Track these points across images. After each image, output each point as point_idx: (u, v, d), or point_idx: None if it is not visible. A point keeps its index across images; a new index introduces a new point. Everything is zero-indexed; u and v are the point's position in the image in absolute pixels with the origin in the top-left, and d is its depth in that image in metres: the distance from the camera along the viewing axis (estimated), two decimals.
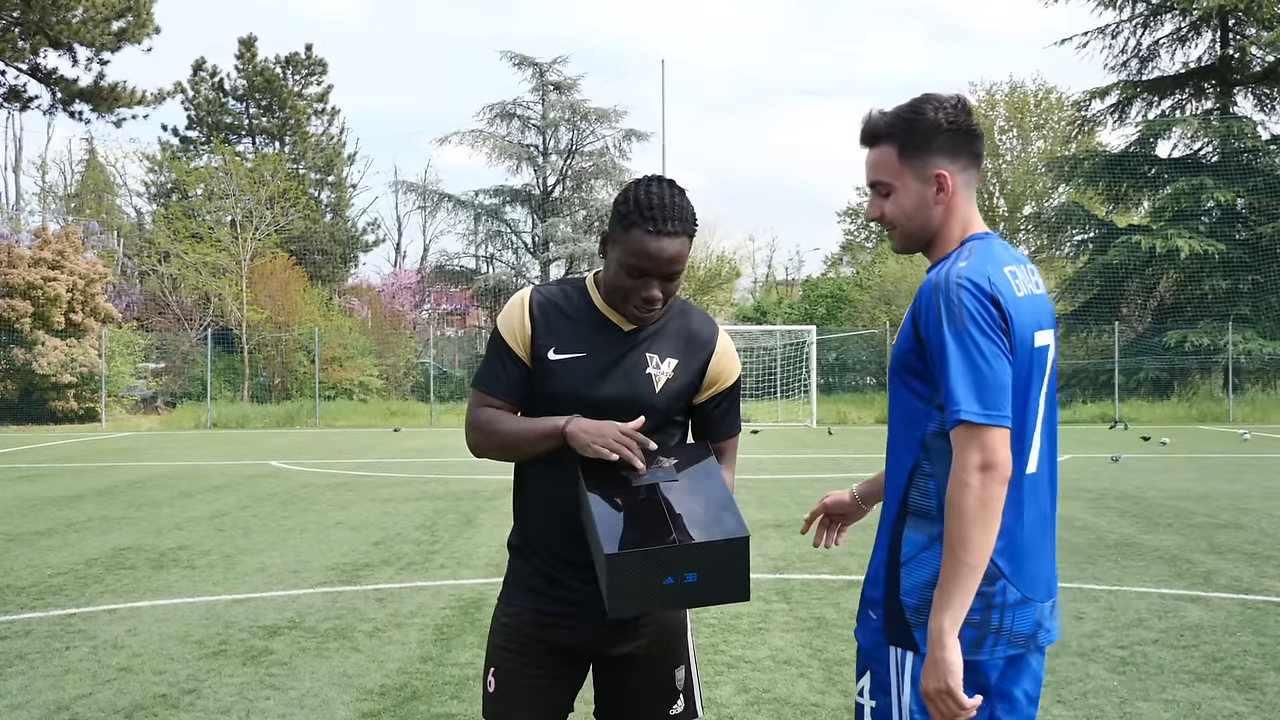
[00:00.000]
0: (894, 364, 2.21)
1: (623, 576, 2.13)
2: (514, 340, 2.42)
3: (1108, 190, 34.31)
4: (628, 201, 2.35)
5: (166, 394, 33.15)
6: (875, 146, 2.26)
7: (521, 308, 2.43)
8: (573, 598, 2.44)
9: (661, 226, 2.31)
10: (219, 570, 7.96)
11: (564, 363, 2.40)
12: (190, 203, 38.23)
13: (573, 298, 2.46)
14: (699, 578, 2.14)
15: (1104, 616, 6.25)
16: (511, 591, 2.51)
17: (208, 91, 44.65)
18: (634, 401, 2.39)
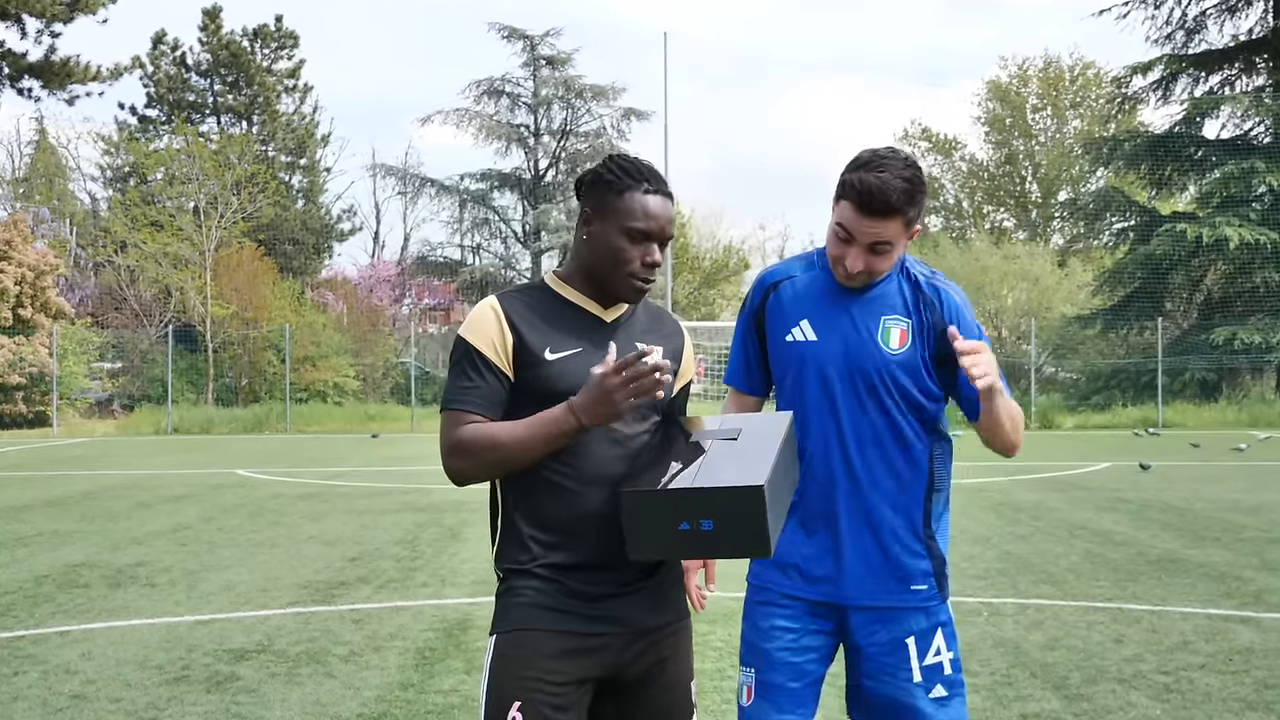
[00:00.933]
0: (901, 369, 2.72)
1: (634, 518, 2.29)
2: (493, 350, 2.42)
3: (1150, 174, 34.31)
4: (612, 170, 2.47)
5: (123, 396, 33.17)
6: (890, 218, 2.64)
7: (496, 315, 2.44)
8: (612, 613, 2.43)
9: (659, 185, 2.46)
10: (181, 589, 7.94)
11: (565, 360, 2.42)
12: (149, 188, 38.25)
13: (541, 298, 2.50)
14: (715, 525, 2.28)
15: (1146, 639, 6.24)
16: (525, 613, 2.41)
17: (168, 67, 44.66)
18: None
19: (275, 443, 24.98)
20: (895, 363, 2.73)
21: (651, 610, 2.49)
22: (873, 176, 2.63)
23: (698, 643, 6.32)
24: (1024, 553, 9.05)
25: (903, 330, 2.75)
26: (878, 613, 2.76)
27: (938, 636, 2.80)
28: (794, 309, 2.82)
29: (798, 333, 2.80)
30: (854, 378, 2.73)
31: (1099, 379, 32.01)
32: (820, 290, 2.82)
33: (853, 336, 2.75)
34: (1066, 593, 7.51)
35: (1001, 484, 14.08)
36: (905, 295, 2.78)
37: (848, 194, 2.67)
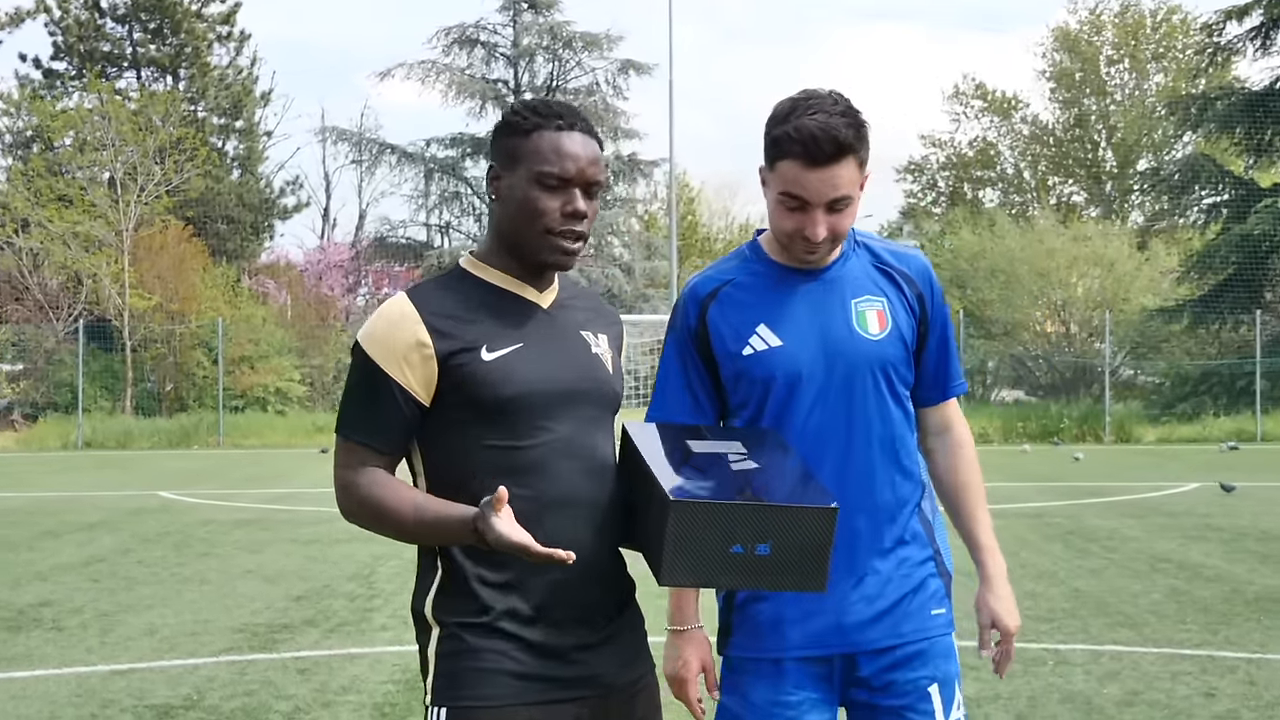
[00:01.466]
0: (887, 357, 2.75)
1: (683, 532, 2.26)
2: (402, 371, 2.37)
3: (1247, 139, 34.34)
4: (517, 112, 2.45)
5: (25, 404, 33.19)
6: (842, 161, 2.65)
7: (408, 317, 2.38)
8: (586, 672, 2.43)
9: (574, 120, 2.44)
10: (94, 633, 7.95)
11: (505, 360, 2.39)
12: (56, 155, 38.26)
13: (460, 288, 2.47)
14: (772, 550, 2.29)
15: (1242, 692, 6.25)
16: (488, 682, 2.37)
17: (79, 10, 44.68)
18: (596, 388, 2.50)
19: (206, 459, 24.98)
20: (880, 349, 2.75)
21: (624, 663, 2.50)
22: (808, 120, 2.63)
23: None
24: (1096, 590, 9.06)
25: (879, 310, 2.77)
26: (893, 653, 2.74)
27: (956, 689, 2.82)
28: (744, 316, 2.78)
29: (757, 342, 2.76)
30: (836, 377, 2.73)
31: (1186, 383, 32.02)
32: (769, 286, 2.80)
33: (824, 330, 2.75)
34: (1147, 638, 7.52)
35: (1069, 508, 14.08)
36: (870, 268, 2.81)
37: (787, 150, 2.66)
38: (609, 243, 40.16)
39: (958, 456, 2.89)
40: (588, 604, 2.43)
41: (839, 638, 2.72)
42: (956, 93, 54.54)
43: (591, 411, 2.47)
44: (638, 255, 39.92)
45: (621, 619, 2.52)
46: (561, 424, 2.42)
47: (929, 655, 2.76)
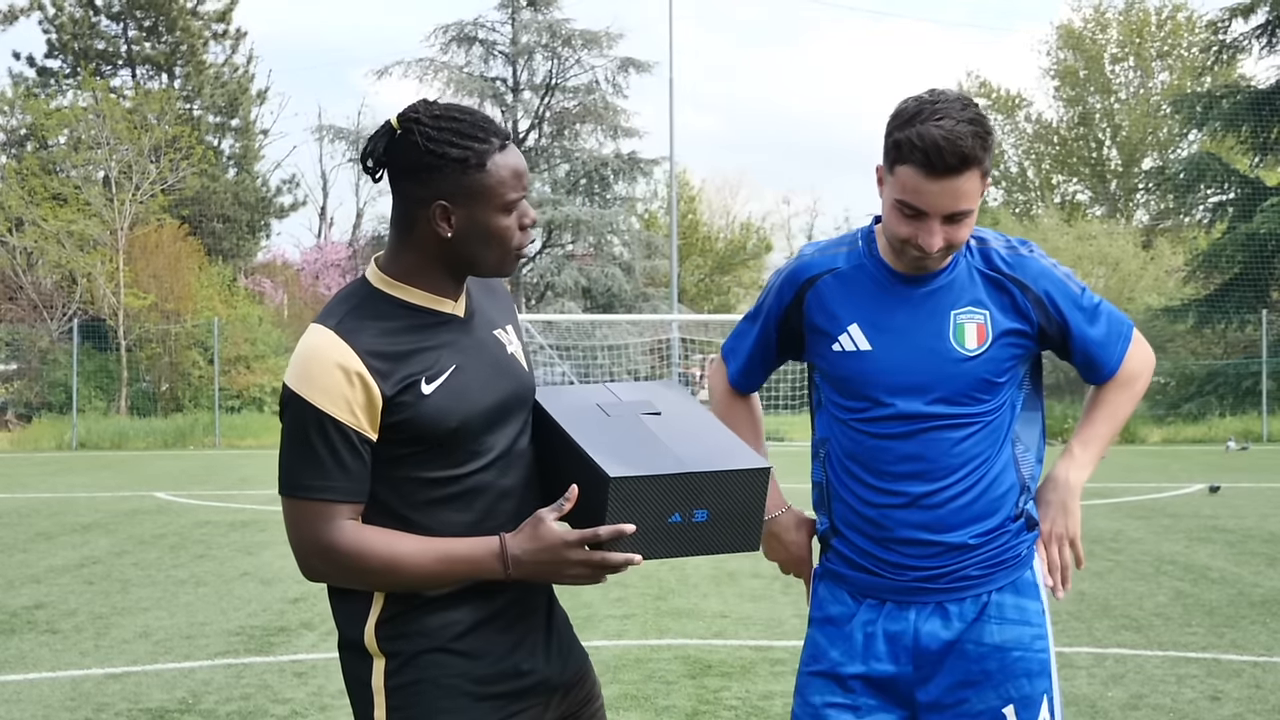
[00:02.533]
0: (979, 374, 2.72)
1: (623, 507, 2.27)
2: (349, 410, 2.29)
3: (1253, 138, 34.36)
4: (451, 142, 2.34)
5: (19, 404, 33.19)
6: (967, 173, 2.60)
7: (348, 357, 2.29)
8: (536, 680, 2.45)
9: (503, 133, 2.42)
10: (88, 636, 7.95)
11: (444, 389, 2.35)
12: (50, 154, 38.26)
13: (382, 312, 2.38)
14: (710, 516, 2.33)
15: (1248, 696, 6.25)
16: (449, 707, 2.35)
17: (73, 8, 44.68)
18: (520, 393, 2.50)
19: (202, 460, 24.98)
20: (972, 367, 2.71)
21: (563, 659, 2.53)
22: (934, 127, 2.56)
23: (708, 700, 6.36)
24: (1101, 593, 9.06)
25: (980, 325, 2.72)
26: (980, 666, 2.75)
27: (1043, 708, 2.78)
28: (841, 311, 2.79)
29: (846, 341, 2.77)
30: (924, 391, 2.71)
31: (1191, 383, 32.02)
32: (871, 285, 2.78)
33: (917, 340, 2.73)
34: (1152, 641, 7.52)
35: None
36: (980, 278, 2.76)
37: (908, 156, 2.59)
38: (609, 241, 40.15)
39: (1106, 388, 2.90)
40: (524, 609, 2.44)
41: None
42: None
43: (519, 418, 2.47)
44: (638, 254, 39.90)
45: (553, 617, 2.54)
46: (496, 440, 2.42)
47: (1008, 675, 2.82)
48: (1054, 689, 2.79)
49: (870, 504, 2.76)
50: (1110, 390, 2.88)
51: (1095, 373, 2.86)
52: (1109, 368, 2.85)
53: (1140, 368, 2.88)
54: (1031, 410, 2.85)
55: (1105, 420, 2.87)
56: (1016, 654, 2.73)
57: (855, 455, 2.78)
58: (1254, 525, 12.79)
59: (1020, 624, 2.76)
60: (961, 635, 2.74)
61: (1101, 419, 2.87)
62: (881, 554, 2.75)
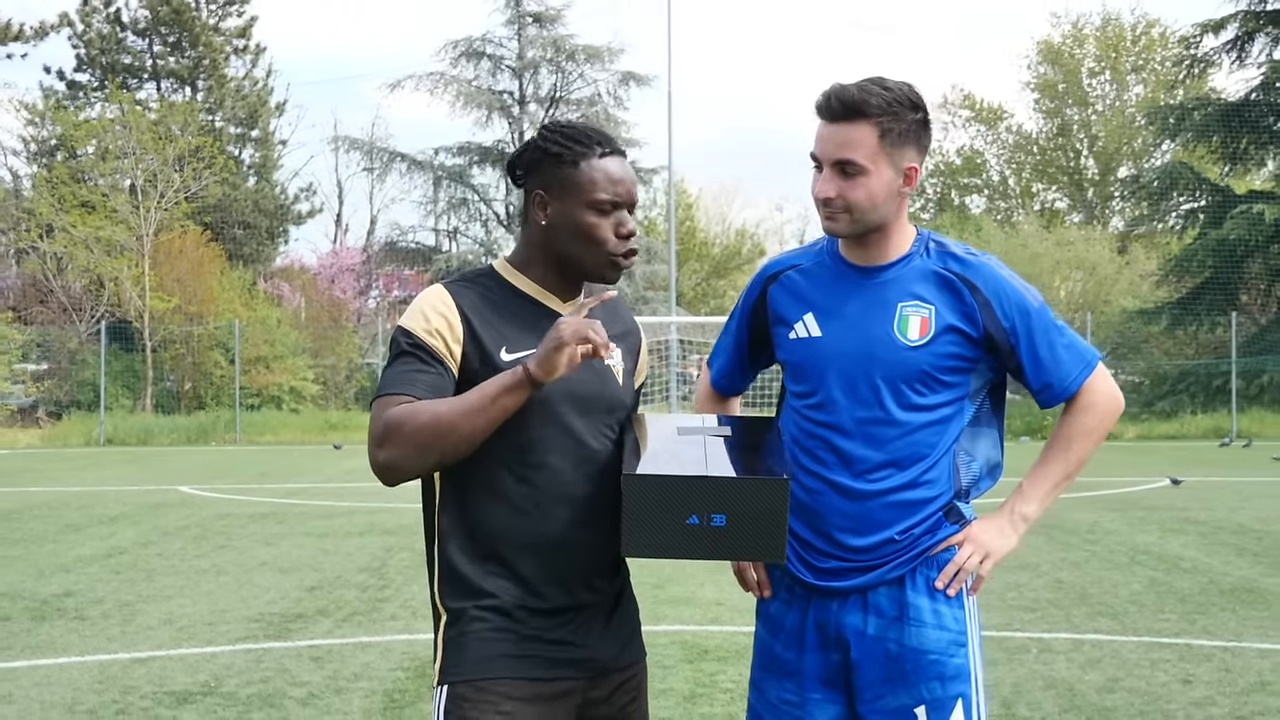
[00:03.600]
0: (920, 364, 2.68)
1: (638, 505, 2.30)
2: (441, 343, 2.43)
3: (1223, 148, 34.35)
4: (557, 141, 2.49)
5: (50, 402, 33.17)
6: (851, 123, 2.63)
7: (447, 304, 2.46)
8: (575, 655, 2.47)
9: (612, 145, 2.52)
10: (115, 622, 7.95)
11: (518, 362, 2.40)
12: (79, 163, 38.25)
13: (494, 290, 2.52)
14: (728, 521, 2.32)
15: (1218, 679, 6.25)
16: (480, 659, 2.42)
17: (101, 25, 44.67)
18: (606, 397, 2.53)
19: (223, 455, 24.98)
20: (914, 356, 2.69)
21: (614, 650, 2.54)
22: (839, 84, 2.68)
23: (705, 683, 6.36)
24: (1078, 581, 9.06)
25: (924, 318, 2.70)
26: (895, 667, 2.72)
27: (956, 710, 2.72)
28: (798, 302, 2.81)
29: (801, 328, 2.79)
30: (866, 377, 2.70)
31: (1164, 382, 32.02)
32: (828, 279, 2.80)
33: (864, 329, 2.72)
34: (1127, 627, 7.52)
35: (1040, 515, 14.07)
36: (931, 275, 2.74)
37: (816, 107, 2.70)
38: None
39: (1066, 415, 2.81)
40: (578, 590, 2.47)
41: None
42: (945, 103, 54.49)
43: (595, 415, 2.50)
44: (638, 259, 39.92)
45: (616, 608, 2.56)
46: (564, 424, 2.45)
47: (919, 675, 2.78)
48: (973, 693, 2.72)
49: (807, 490, 2.73)
50: (1067, 419, 2.79)
51: (1050, 393, 2.75)
52: (1064, 388, 2.75)
53: (1102, 400, 2.77)
54: (985, 427, 2.81)
55: (1059, 458, 2.79)
56: (932, 658, 2.69)
57: (800, 443, 2.77)
58: (1223, 517, 12.79)
59: (938, 629, 2.71)
60: (883, 632, 2.71)
61: (1056, 456, 2.79)
62: (814, 541, 2.73)
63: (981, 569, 2.72)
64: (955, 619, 2.72)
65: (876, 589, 2.71)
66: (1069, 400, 2.78)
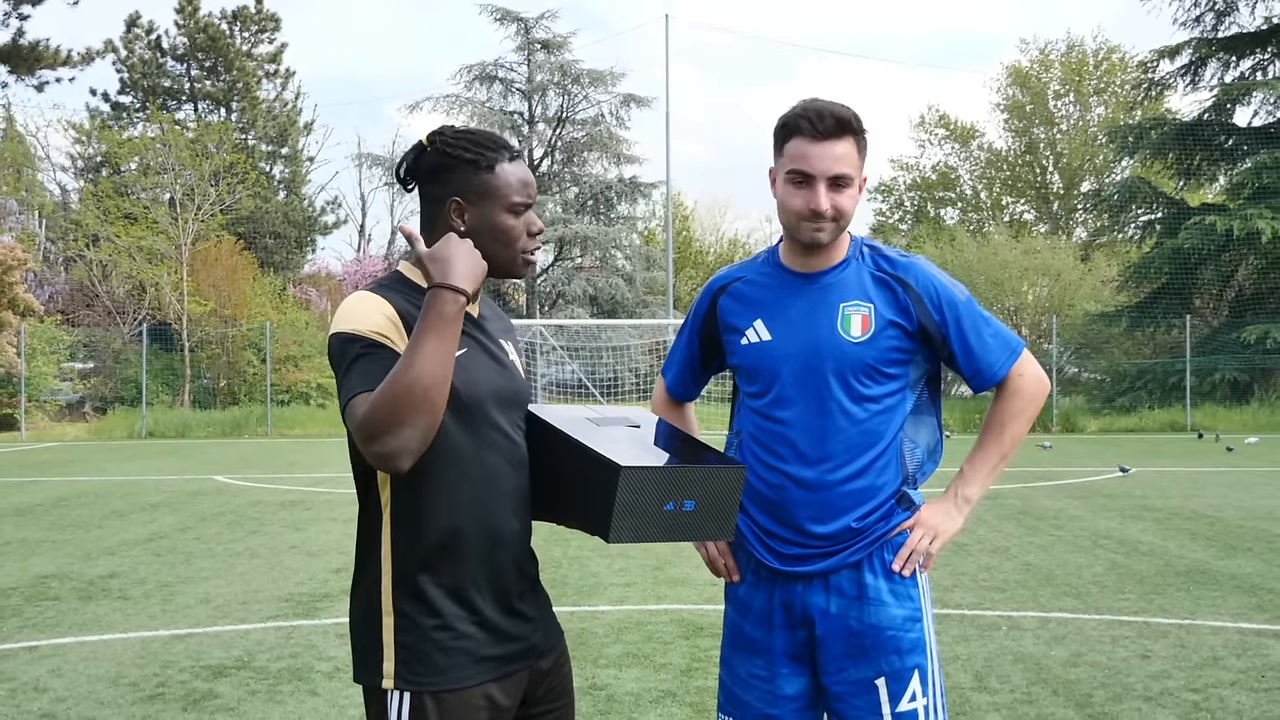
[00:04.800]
0: (864, 358, 2.69)
1: (630, 495, 2.29)
2: (382, 333, 2.27)
3: (1178, 164, 34.31)
4: (466, 148, 2.40)
5: (95, 398, 33.17)
6: (843, 139, 2.66)
7: (383, 304, 2.32)
8: (525, 646, 2.44)
9: (514, 149, 2.45)
10: (156, 601, 7.95)
11: (460, 363, 2.33)
12: (123, 178, 38.26)
13: (409, 293, 2.40)
14: (696, 506, 2.37)
15: (1174, 655, 6.25)
16: (453, 665, 2.31)
17: (143, 51, 44.66)
18: (513, 390, 2.47)
19: (255, 447, 24.98)
20: (858, 351, 2.69)
21: (546, 632, 2.52)
22: (813, 102, 2.68)
23: (700, 658, 6.35)
24: (1045, 564, 9.06)
25: (864, 316, 2.71)
26: (856, 642, 2.73)
27: (913, 680, 2.73)
28: (746, 310, 2.81)
29: (752, 334, 2.79)
30: (816, 374, 2.70)
31: (1124, 380, 31.97)
32: (772, 286, 2.80)
33: (810, 329, 2.72)
34: (1090, 606, 7.52)
35: (1020, 491, 14.08)
36: (867, 277, 2.75)
37: (795, 128, 2.67)
38: (613, 255, 40.10)
39: (996, 400, 2.84)
40: (517, 582, 2.43)
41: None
42: (922, 122, 54.53)
43: (514, 411, 2.45)
44: (638, 266, 39.86)
45: (537, 594, 2.52)
46: (494, 423, 2.39)
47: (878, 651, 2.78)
48: (928, 663, 2.74)
49: (769, 484, 2.74)
50: (998, 404, 2.82)
51: (981, 378, 2.77)
52: (993, 373, 2.78)
53: (1029, 383, 2.80)
54: (926, 415, 2.82)
55: (994, 441, 2.81)
56: (890, 633, 2.71)
57: (759, 440, 2.77)
58: (1179, 504, 12.78)
59: (895, 607, 2.72)
60: (844, 611, 2.72)
61: (991, 439, 2.82)
62: (778, 530, 2.74)
63: (931, 549, 2.75)
64: (910, 597, 2.74)
65: (838, 572, 2.72)
66: (999, 385, 2.81)
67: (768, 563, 2.76)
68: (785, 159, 2.70)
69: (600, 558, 8.92)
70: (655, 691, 5.58)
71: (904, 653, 2.71)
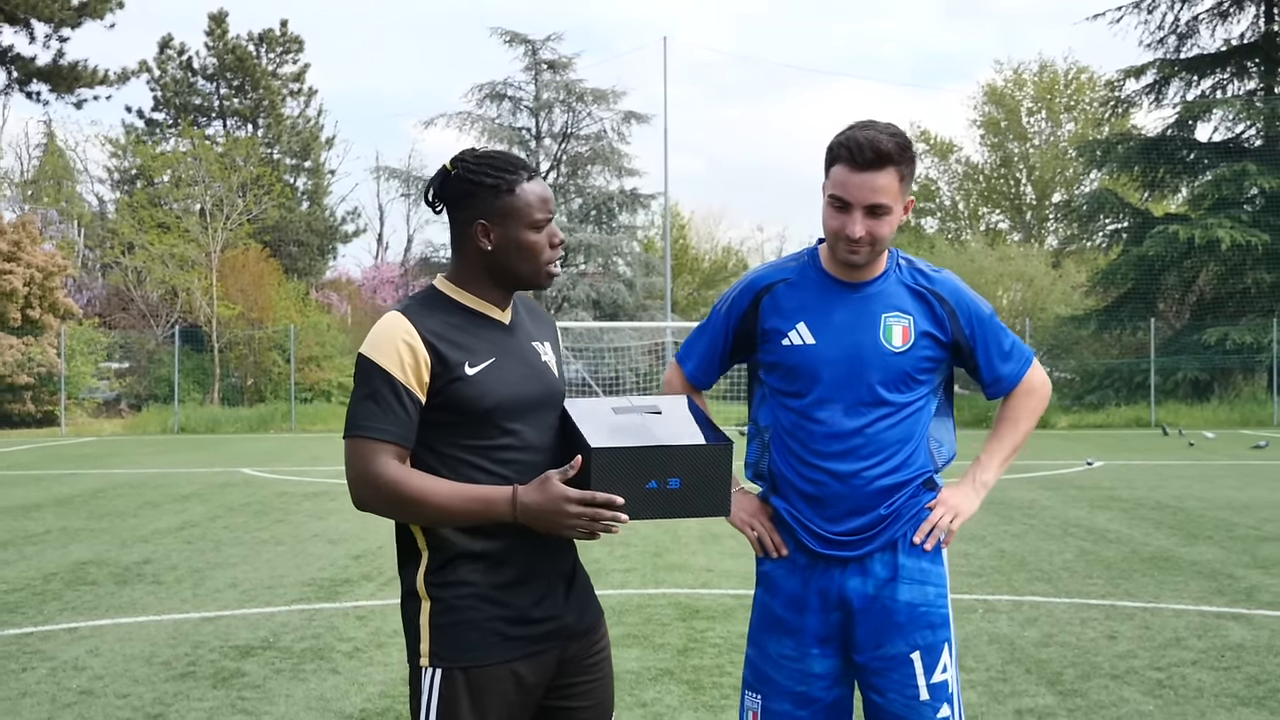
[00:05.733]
0: (904, 367, 2.71)
1: (605, 474, 2.28)
2: (404, 372, 2.33)
3: (1143, 176, 34.29)
4: (486, 172, 2.41)
5: (131, 396, 33.15)
6: (881, 170, 2.62)
7: (409, 333, 2.35)
8: (555, 627, 2.45)
9: (531, 169, 2.46)
10: (187, 586, 7.95)
11: (484, 373, 2.37)
12: (156, 190, 38.23)
13: (444, 308, 2.43)
14: (682, 483, 2.32)
15: (1139, 636, 6.25)
16: (481, 644, 2.35)
17: (175, 71, 44.66)
18: (552, 396, 2.48)
19: (280, 442, 24.98)
20: (899, 361, 2.70)
21: (580, 614, 2.51)
22: (858, 133, 2.64)
23: (696, 639, 6.35)
24: (1018, 550, 9.06)
25: (904, 327, 2.71)
26: (892, 619, 2.74)
27: (944, 653, 2.76)
28: (790, 312, 2.77)
29: (795, 336, 2.76)
30: (858, 379, 2.70)
31: (1093, 379, 31.96)
32: (816, 291, 2.78)
33: (853, 337, 2.71)
34: (1060, 590, 7.52)
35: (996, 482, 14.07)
36: (905, 289, 2.75)
37: (838, 155, 2.65)
38: (614, 262, 40.04)
39: (1010, 399, 2.89)
40: (550, 570, 2.44)
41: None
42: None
43: (546, 414, 2.46)
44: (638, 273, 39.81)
45: (575, 579, 2.52)
46: (524, 426, 2.41)
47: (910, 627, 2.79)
48: (952, 638, 2.78)
49: (809, 480, 2.74)
50: (1013, 403, 2.88)
51: (1000, 385, 2.85)
52: (1011, 381, 2.85)
53: (1039, 386, 2.89)
54: (945, 416, 2.85)
55: (1009, 434, 2.88)
56: (922, 609, 2.72)
57: (798, 437, 2.75)
58: (1144, 495, 12.79)
59: (925, 585, 2.74)
60: (879, 592, 2.72)
61: (1006, 432, 2.89)
62: (817, 521, 2.74)
63: (952, 526, 2.77)
64: (938, 576, 2.77)
65: (873, 555, 2.73)
66: (1014, 388, 2.86)
67: (811, 546, 2.75)
68: (829, 182, 2.68)
69: (602, 545, 8.91)
70: (654, 670, 5.59)
71: (936, 627, 2.74)
